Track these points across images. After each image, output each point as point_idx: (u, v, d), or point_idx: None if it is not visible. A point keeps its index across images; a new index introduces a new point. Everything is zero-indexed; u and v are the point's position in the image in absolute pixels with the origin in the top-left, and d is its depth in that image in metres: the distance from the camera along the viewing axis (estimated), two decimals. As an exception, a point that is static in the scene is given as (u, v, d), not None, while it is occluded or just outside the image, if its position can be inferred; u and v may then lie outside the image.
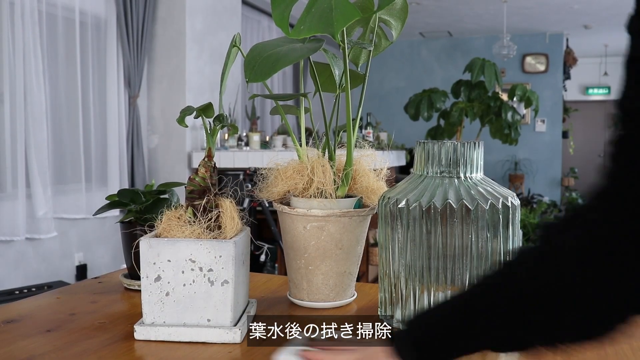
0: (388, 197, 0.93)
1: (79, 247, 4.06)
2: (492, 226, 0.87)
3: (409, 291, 0.90)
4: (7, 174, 3.52)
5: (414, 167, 0.96)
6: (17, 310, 1.01)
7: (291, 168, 1.02)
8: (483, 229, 0.86)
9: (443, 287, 0.88)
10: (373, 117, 5.92)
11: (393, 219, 0.91)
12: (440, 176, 0.91)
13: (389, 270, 0.93)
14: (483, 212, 0.86)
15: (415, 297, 0.89)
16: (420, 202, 0.87)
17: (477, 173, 0.92)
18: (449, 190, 0.88)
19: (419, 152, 0.94)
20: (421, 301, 0.89)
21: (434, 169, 0.91)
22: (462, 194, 0.88)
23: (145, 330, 0.86)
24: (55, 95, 3.84)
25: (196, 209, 0.89)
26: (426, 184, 0.91)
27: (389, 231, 0.92)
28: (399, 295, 0.91)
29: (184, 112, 0.90)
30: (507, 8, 7.01)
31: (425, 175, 0.92)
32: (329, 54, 1.02)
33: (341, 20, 0.80)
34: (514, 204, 0.90)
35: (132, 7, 4.26)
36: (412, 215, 0.88)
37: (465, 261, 0.87)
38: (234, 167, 4.37)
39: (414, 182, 0.93)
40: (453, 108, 4.26)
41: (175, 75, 4.58)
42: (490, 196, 0.88)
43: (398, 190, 0.93)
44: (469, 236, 0.86)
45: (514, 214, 0.89)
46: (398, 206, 0.90)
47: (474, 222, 0.86)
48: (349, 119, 0.98)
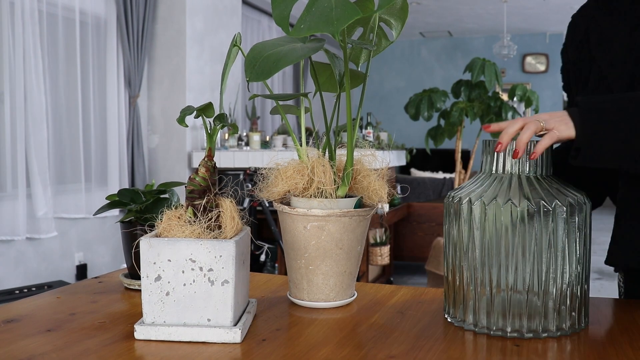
0: (459, 197, 0.91)
1: (79, 247, 4.06)
2: (567, 226, 0.85)
3: (481, 293, 0.88)
4: (7, 174, 3.52)
5: (482, 166, 0.94)
6: (17, 310, 1.01)
7: (291, 168, 1.02)
8: (559, 229, 0.85)
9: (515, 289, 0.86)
10: (373, 117, 5.92)
11: (462, 219, 0.89)
12: (509, 175, 0.90)
13: (461, 272, 0.91)
14: (559, 212, 0.85)
15: (492, 298, 0.87)
16: (497, 201, 0.86)
17: (547, 171, 0.91)
18: (523, 190, 0.87)
19: (488, 151, 0.93)
20: (493, 302, 0.87)
21: (504, 167, 0.91)
22: (538, 193, 0.86)
23: (146, 330, 0.86)
24: (55, 95, 3.84)
25: (196, 208, 0.89)
26: (497, 183, 0.89)
27: (458, 231, 0.90)
28: (469, 297, 0.90)
29: (184, 111, 0.89)
30: (507, 8, 7.01)
31: (494, 174, 0.91)
32: (329, 54, 1.02)
33: (342, 19, 0.80)
34: (587, 203, 0.88)
35: (132, 6, 4.26)
36: (485, 215, 0.86)
37: (541, 261, 0.85)
38: (234, 167, 4.37)
39: (484, 181, 0.91)
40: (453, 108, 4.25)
41: (176, 75, 4.58)
42: (564, 195, 0.87)
43: (468, 190, 0.91)
44: (544, 236, 0.85)
45: (587, 213, 0.89)
46: (469, 206, 0.88)
47: (550, 222, 0.84)
48: (349, 118, 0.98)
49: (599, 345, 0.84)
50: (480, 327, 0.89)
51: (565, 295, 0.87)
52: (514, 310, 0.87)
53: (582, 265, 0.89)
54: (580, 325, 0.90)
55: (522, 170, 0.90)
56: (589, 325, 0.92)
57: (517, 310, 0.87)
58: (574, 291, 0.88)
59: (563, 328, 0.88)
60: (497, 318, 0.87)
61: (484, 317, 0.88)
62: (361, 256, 1.06)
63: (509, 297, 0.87)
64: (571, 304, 0.88)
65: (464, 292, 0.91)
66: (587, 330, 0.91)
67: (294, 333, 0.90)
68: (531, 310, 0.86)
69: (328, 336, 0.88)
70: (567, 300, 0.88)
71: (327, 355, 0.80)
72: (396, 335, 0.88)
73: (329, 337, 0.88)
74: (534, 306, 0.86)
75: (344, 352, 0.81)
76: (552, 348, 0.84)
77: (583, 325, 0.91)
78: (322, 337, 0.87)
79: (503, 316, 0.87)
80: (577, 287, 0.89)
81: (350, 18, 0.80)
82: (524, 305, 0.86)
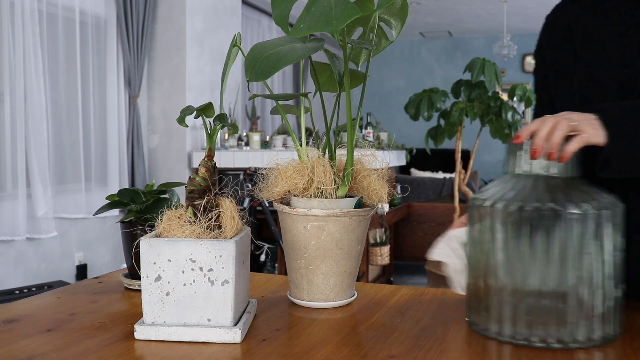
0: (483, 199, 0.87)
1: (79, 247, 4.06)
2: (598, 229, 0.81)
3: (505, 299, 0.84)
4: (7, 174, 3.52)
5: (508, 168, 0.91)
6: (17, 310, 1.01)
7: (291, 168, 1.02)
8: (589, 232, 0.81)
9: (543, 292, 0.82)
10: (373, 117, 5.92)
11: (487, 222, 0.85)
12: (535, 176, 0.87)
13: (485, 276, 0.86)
14: (589, 214, 0.81)
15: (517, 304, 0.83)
16: (522, 204, 0.82)
17: (575, 172, 0.88)
18: (548, 191, 0.84)
19: (512, 152, 0.89)
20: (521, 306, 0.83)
21: (531, 169, 0.88)
22: (562, 194, 0.83)
23: (146, 330, 0.86)
24: (55, 95, 3.84)
25: (196, 208, 0.89)
26: (523, 185, 0.86)
27: (482, 235, 0.86)
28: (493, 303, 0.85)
29: (184, 111, 0.89)
30: (507, 8, 7.01)
31: (520, 176, 0.88)
32: (329, 54, 1.02)
33: (341, 18, 0.80)
34: (620, 205, 0.85)
35: (132, 6, 4.26)
36: (510, 218, 0.83)
37: (568, 266, 0.81)
38: (234, 167, 4.37)
39: (508, 182, 0.88)
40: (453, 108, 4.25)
41: (176, 75, 4.58)
42: (595, 197, 0.83)
43: (492, 192, 0.88)
44: (573, 240, 0.81)
45: (620, 215, 0.84)
46: (496, 208, 0.84)
47: (579, 225, 0.80)
48: (349, 118, 0.98)
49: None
50: (505, 336, 0.84)
51: (596, 303, 0.82)
52: (540, 318, 0.82)
53: (614, 270, 0.84)
54: (612, 335, 0.84)
55: (549, 172, 0.87)
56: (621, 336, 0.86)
57: (543, 318, 0.82)
58: (605, 298, 0.83)
59: (593, 338, 0.82)
60: (522, 326, 0.83)
61: (508, 325, 0.83)
62: (361, 256, 1.06)
63: (535, 303, 0.82)
64: (602, 312, 0.82)
65: (487, 299, 0.86)
66: (620, 340, 0.85)
67: (294, 333, 0.90)
68: (559, 319, 0.81)
69: (328, 336, 0.88)
70: (598, 308, 0.82)
71: (327, 355, 0.80)
72: (396, 335, 0.88)
73: (329, 337, 0.87)
74: (561, 314, 0.81)
75: (344, 352, 0.81)
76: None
77: (616, 335, 0.85)
78: (322, 337, 0.87)
79: (528, 324, 0.82)
80: (609, 293, 0.83)
81: (349, 17, 0.80)
82: (551, 312, 0.82)
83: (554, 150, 0.85)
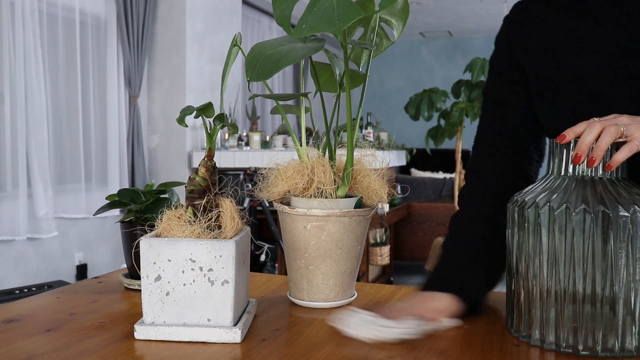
0: (524, 201, 0.84)
1: (79, 247, 4.06)
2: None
3: (549, 305, 0.80)
4: (7, 174, 3.52)
5: (550, 168, 0.87)
6: (17, 310, 1.01)
7: (291, 168, 1.02)
8: (638, 235, 0.77)
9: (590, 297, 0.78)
10: (373, 117, 5.92)
11: (529, 225, 0.82)
12: (581, 177, 0.83)
13: (526, 282, 0.83)
14: (636, 216, 0.77)
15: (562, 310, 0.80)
16: (567, 206, 0.79)
17: (622, 173, 0.84)
18: (597, 194, 0.79)
19: (557, 152, 0.85)
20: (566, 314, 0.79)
21: (575, 169, 0.83)
22: (614, 198, 0.79)
23: (146, 329, 0.86)
24: (55, 95, 3.84)
25: (196, 208, 0.89)
26: (567, 186, 0.82)
27: (524, 238, 0.84)
28: (536, 309, 0.82)
29: (184, 111, 0.89)
30: (507, 8, 7.01)
31: (564, 177, 0.84)
32: (329, 54, 1.02)
33: (343, 19, 0.80)
34: None
35: (132, 6, 4.26)
36: (554, 220, 0.79)
37: (618, 270, 0.77)
38: (234, 167, 4.37)
39: (551, 183, 0.84)
40: (453, 108, 4.25)
41: (176, 75, 4.58)
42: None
43: (534, 193, 0.84)
44: (621, 243, 0.77)
45: None
46: (539, 210, 0.81)
47: (627, 227, 0.77)
48: (349, 118, 0.98)
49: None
50: (548, 344, 0.81)
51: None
52: (586, 325, 0.78)
53: None
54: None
55: (595, 173, 0.82)
56: None
57: (590, 324, 0.78)
58: None
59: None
60: (567, 333, 0.79)
61: (551, 332, 0.80)
62: (361, 256, 1.06)
63: (581, 309, 0.78)
64: None
65: (529, 304, 0.83)
66: None
67: (294, 333, 0.90)
68: (606, 325, 0.78)
69: (328, 336, 0.88)
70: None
71: (327, 355, 0.80)
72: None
73: (329, 337, 0.87)
74: (609, 320, 0.78)
75: (344, 352, 0.81)
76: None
77: None
78: (322, 337, 0.87)
79: (574, 332, 0.79)
80: None
81: (352, 18, 0.80)
82: (598, 319, 0.78)
83: (597, 158, 0.80)
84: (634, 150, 0.80)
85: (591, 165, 0.81)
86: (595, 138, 0.80)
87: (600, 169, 0.82)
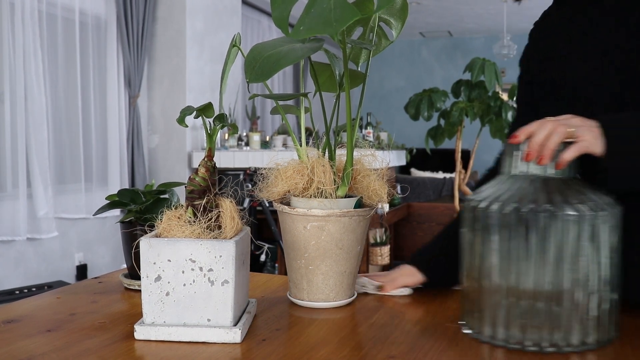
0: (477, 200, 0.86)
1: (79, 247, 4.06)
2: (594, 230, 0.80)
3: (499, 301, 0.83)
4: (7, 174, 3.52)
5: (505, 168, 0.90)
6: (17, 310, 1.01)
7: (291, 168, 1.02)
8: (584, 234, 0.80)
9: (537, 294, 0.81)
10: (373, 117, 5.92)
11: (480, 223, 0.85)
12: (531, 177, 0.86)
13: (479, 278, 0.85)
14: (585, 215, 0.80)
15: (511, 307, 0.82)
16: (517, 205, 0.81)
17: (571, 172, 0.87)
18: (549, 194, 0.82)
19: (509, 153, 0.88)
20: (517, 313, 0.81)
21: (527, 169, 0.86)
22: (564, 197, 0.81)
23: (146, 330, 0.86)
24: (55, 95, 3.84)
25: (196, 208, 0.89)
26: (518, 185, 0.85)
27: (474, 236, 0.86)
28: (486, 306, 0.84)
29: (184, 112, 0.90)
30: (507, 8, 7.01)
31: (517, 177, 0.87)
32: (329, 54, 1.02)
33: (341, 20, 0.80)
34: (617, 207, 0.83)
35: (132, 7, 4.26)
36: (504, 219, 0.82)
37: (563, 268, 0.80)
38: (234, 167, 4.37)
39: (503, 183, 0.87)
40: (453, 108, 4.25)
41: (176, 75, 4.58)
42: (591, 198, 0.82)
43: (486, 193, 0.87)
44: (568, 241, 0.80)
45: (616, 217, 0.83)
46: (490, 209, 0.83)
47: (574, 226, 0.79)
48: (349, 118, 0.98)
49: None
50: (498, 340, 0.83)
51: (591, 306, 0.81)
52: (534, 322, 0.81)
53: (611, 273, 0.83)
54: (607, 338, 0.83)
55: (546, 172, 0.85)
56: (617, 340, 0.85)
57: (537, 321, 0.81)
58: (601, 301, 0.81)
59: (588, 342, 0.81)
60: (515, 330, 0.82)
61: (501, 328, 0.83)
62: (361, 256, 1.06)
63: (530, 306, 0.81)
64: (597, 316, 0.81)
65: (480, 301, 0.85)
66: (618, 343, 0.84)
67: (294, 333, 0.90)
68: (552, 322, 0.81)
69: (328, 336, 0.88)
70: (593, 311, 0.81)
71: (327, 355, 0.80)
72: (396, 335, 0.88)
73: (329, 337, 0.88)
74: (555, 317, 0.80)
75: (344, 352, 0.81)
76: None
77: (611, 339, 0.84)
78: (322, 337, 0.87)
79: (522, 328, 0.81)
80: (604, 297, 0.82)
81: (349, 19, 0.80)
82: (545, 315, 0.81)
83: (546, 156, 0.83)
84: (582, 150, 0.83)
85: (541, 163, 0.84)
86: (546, 137, 0.83)
87: (550, 168, 0.85)
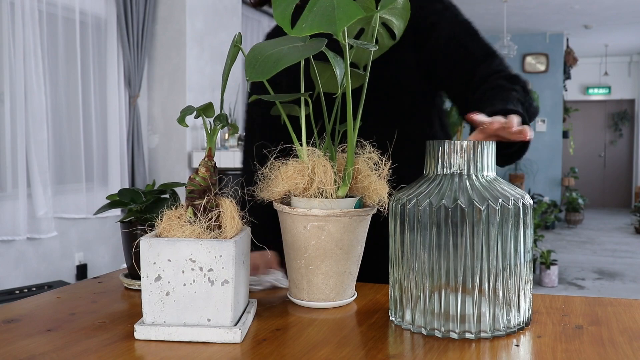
0: (399, 198, 0.92)
1: (79, 247, 4.06)
2: (504, 226, 0.86)
3: (419, 292, 0.89)
4: (7, 174, 3.52)
5: (425, 168, 0.95)
6: (17, 310, 1.00)
7: (292, 168, 1.02)
8: (495, 230, 0.85)
9: (454, 288, 0.87)
10: (373, 117, 5.91)
11: (404, 220, 0.90)
12: (451, 176, 0.90)
13: (400, 272, 0.92)
14: (494, 213, 0.85)
15: (426, 299, 0.88)
16: (431, 203, 0.86)
17: (489, 172, 0.91)
18: (460, 190, 0.87)
19: (430, 152, 0.93)
20: (432, 302, 0.88)
21: (446, 169, 0.91)
22: (474, 194, 0.87)
23: (146, 330, 0.86)
24: (55, 95, 3.84)
25: (196, 208, 0.89)
26: (438, 185, 0.90)
27: (399, 232, 0.91)
28: (409, 297, 0.91)
29: (184, 111, 0.89)
30: (507, 8, 7.01)
31: (437, 176, 0.91)
32: (330, 54, 1.02)
33: (344, 18, 0.80)
34: (526, 204, 0.89)
35: (133, 6, 4.26)
36: (423, 216, 0.87)
37: (477, 262, 0.86)
38: (235, 167, 4.37)
39: (425, 182, 0.92)
40: (453, 108, 4.26)
41: (176, 75, 4.58)
42: (504, 194, 0.87)
43: (410, 191, 0.92)
44: (481, 237, 0.85)
45: (526, 214, 0.89)
46: (408, 207, 0.89)
47: (486, 223, 0.85)
48: (349, 118, 0.98)
49: (599, 345, 0.84)
50: (416, 327, 0.89)
51: (501, 294, 0.87)
52: (449, 310, 0.87)
53: (521, 263, 0.89)
54: (518, 326, 0.89)
55: (467, 171, 0.90)
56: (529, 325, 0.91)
57: (452, 310, 0.87)
58: (507, 289, 0.88)
59: (498, 329, 0.87)
60: (432, 318, 0.88)
61: (419, 316, 0.89)
62: (361, 256, 1.06)
63: (446, 296, 0.87)
64: (506, 304, 0.88)
65: (402, 293, 0.92)
66: (528, 331, 0.90)
67: (294, 333, 0.90)
68: (467, 310, 0.86)
69: (328, 336, 0.88)
70: (504, 299, 0.87)
71: (327, 355, 0.80)
72: (396, 335, 0.88)
73: (329, 337, 0.87)
74: (469, 305, 0.86)
75: (344, 352, 0.81)
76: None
77: (522, 326, 0.90)
78: (322, 337, 0.87)
79: (437, 316, 0.88)
80: (514, 285, 0.88)
81: (352, 18, 0.80)
82: (460, 304, 0.87)
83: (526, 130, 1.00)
84: None
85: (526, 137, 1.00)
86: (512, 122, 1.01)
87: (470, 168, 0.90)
